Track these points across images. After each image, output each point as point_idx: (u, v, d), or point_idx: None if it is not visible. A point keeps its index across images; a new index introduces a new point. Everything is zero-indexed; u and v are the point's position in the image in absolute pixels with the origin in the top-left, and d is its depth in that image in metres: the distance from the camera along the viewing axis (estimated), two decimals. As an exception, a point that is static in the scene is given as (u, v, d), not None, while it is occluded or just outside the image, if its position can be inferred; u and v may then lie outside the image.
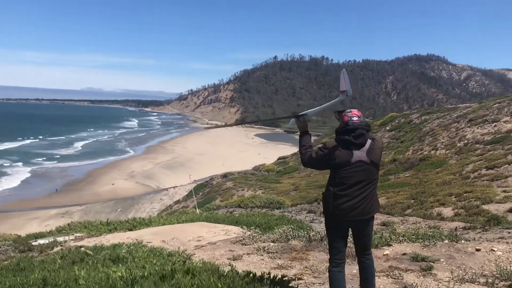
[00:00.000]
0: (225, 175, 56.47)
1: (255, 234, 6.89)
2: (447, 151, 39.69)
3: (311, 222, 13.97)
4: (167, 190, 62.25)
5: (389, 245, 6.12)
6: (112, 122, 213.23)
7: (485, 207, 19.45)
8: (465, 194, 22.53)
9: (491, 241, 6.12)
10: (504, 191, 21.44)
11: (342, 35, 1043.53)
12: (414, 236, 6.61)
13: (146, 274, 4.08)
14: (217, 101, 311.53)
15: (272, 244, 6.32)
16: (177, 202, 50.94)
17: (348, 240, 4.01)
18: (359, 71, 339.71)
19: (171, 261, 4.83)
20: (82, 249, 6.32)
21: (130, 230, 9.50)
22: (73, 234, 9.98)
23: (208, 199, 43.67)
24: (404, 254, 5.63)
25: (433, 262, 5.11)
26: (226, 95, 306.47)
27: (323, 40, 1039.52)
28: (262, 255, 5.82)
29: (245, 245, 6.49)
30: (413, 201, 23.73)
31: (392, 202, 23.18)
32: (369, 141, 3.89)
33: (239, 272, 4.23)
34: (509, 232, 10.98)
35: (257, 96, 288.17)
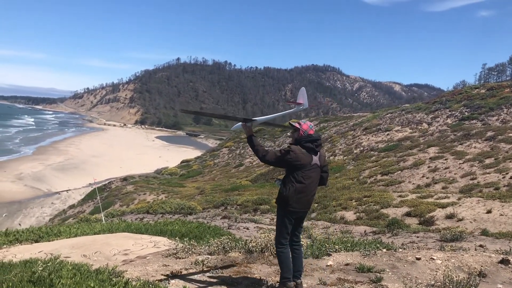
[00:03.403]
0: (125, 179, 54.12)
1: (189, 246, 6.37)
2: (345, 157, 42.03)
3: (228, 228, 13.68)
4: (59, 194, 58.06)
5: (329, 255, 6.03)
6: (0, 119, 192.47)
7: (384, 211, 20.73)
8: (364, 199, 23.86)
9: (428, 249, 6.32)
10: (400, 196, 23.09)
11: (245, 41, 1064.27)
12: (349, 245, 6.61)
13: (84, 302, 3.43)
14: (115, 100, 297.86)
15: (210, 257, 5.87)
16: (72, 206, 47.59)
17: None
18: (260, 77, 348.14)
19: (109, 282, 4.16)
20: (-16, 269, 5.29)
21: (37, 241, 8.33)
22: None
23: (107, 203, 41.43)
24: (347, 264, 5.56)
25: (380, 273, 5.09)
26: (126, 95, 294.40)
27: (227, 45, 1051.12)
28: (203, 270, 5.35)
29: (180, 258, 5.94)
30: (316, 204, 24.58)
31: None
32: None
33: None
34: (417, 237, 11.70)
35: (159, 98, 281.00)
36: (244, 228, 14.61)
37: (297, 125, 4.84)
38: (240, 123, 5.05)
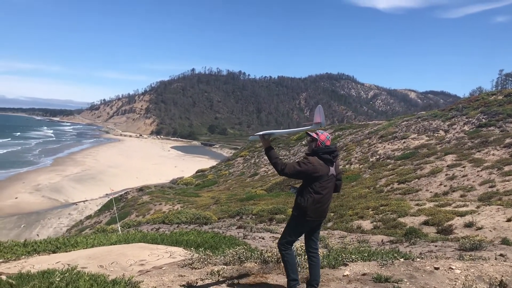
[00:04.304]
0: (141, 189, 54.50)
1: (204, 256, 6.38)
2: (361, 166, 41.68)
3: (244, 238, 13.64)
4: (76, 205, 58.75)
5: (345, 265, 5.97)
6: (20, 131, 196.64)
7: (401, 220, 20.44)
8: (381, 208, 23.56)
9: (446, 259, 6.22)
10: (417, 204, 22.75)
11: (258, 51, 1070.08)
12: (366, 255, 6.54)
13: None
14: (131, 111, 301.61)
15: (225, 267, 5.87)
16: (89, 217, 48.01)
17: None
18: (274, 87, 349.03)
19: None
20: (3, 278, 5.36)
21: (54, 252, 8.43)
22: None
23: (123, 214, 41.72)
24: (364, 274, 5.49)
25: (397, 283, 5.02)
26: (142, 106, 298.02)
27: (241, 55, 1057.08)
28: (219, 280, 5.35)
29: (195, 269, 5.96)
30: (332, 214, 24.37)
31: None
32: None
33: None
34: (435, 246, 11.50)
35: (174, 108, 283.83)
36: (259, 238, 14.56)
37: (314, 135, 4.87)
38: (258, 134, 5.12)
